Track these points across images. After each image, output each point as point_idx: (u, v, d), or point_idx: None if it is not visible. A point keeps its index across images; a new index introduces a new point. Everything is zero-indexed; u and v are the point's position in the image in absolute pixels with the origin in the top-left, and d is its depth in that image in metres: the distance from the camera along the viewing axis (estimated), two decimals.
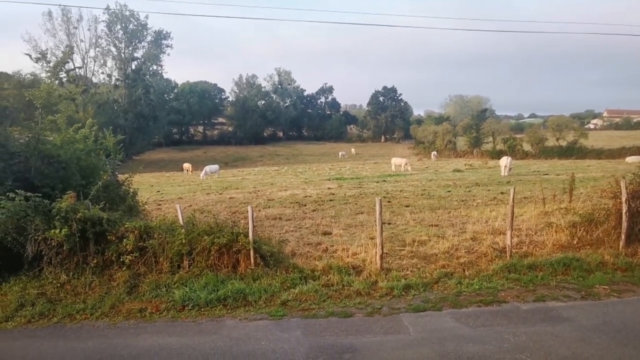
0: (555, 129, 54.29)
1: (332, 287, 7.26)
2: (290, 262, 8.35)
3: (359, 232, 10.62)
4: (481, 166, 36.50)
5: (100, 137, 11.45)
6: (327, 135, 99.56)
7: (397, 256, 8.83)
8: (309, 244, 10.01)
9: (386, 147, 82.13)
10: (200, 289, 7.15)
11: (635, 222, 8.63)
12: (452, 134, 65.13)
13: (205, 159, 62.53)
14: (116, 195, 10.20)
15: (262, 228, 11.57)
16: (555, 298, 6.77)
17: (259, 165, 57.54)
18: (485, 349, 5.26)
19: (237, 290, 7.09)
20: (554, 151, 50.36)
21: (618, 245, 8.55)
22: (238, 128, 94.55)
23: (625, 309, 6.31)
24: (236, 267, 7.94)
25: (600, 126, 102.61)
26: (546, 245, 9.15)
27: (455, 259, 8.45)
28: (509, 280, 7.43)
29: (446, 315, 6.27)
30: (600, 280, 7.35)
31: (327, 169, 40.89)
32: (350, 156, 67.03)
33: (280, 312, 6.56)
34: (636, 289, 7.08)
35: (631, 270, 7.75)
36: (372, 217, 8.24)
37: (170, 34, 73.01)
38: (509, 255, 8.31)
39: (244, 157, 72.26)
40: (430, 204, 15.38)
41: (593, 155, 46.74)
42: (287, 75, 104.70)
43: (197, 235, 7.96)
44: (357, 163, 50.35)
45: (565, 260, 8.00)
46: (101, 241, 7.83)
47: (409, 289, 7.14)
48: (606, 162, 37.08)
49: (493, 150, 54.94)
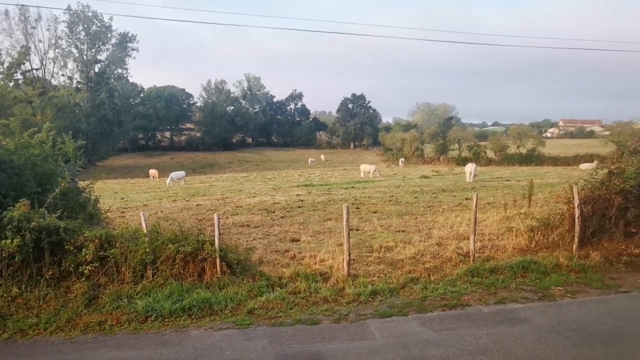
0: (516, 137, 56.72)
1: (300, 295, 7.24)
2: (258, 269, 8.27)
3: (327, 239, 10.65)
4: (447, 173, 37.50)
5: (59, 142, 10.95)
6: (297, 142, 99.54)
7: (365, 262, 8.91)
8: (277, 251, 9.94)
9: (355, 154, 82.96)
10: (164, 299, 6.94)
11: (587, 226, 9.10)
12: (419, 141, 66.58)
13: (172, 165, 61.05)
14: (76, 203, 9.77)
15: (229, 235, 11.40)
16: (515, 300, 7.02)
17: (227, 171, 56.71)
18: (449, 352, 5.38)
19: (203, 300, 6.94)
20: (515, 158, 52.57)
21: (572, 248, 8.97)
22: (206, 134, 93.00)
23: (579, 309, 6.63)
24: (202, 275, 7.78)
25: (556, 135, 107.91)
26: (507, 249, 9.48)
27: (421, 264, 8.61)
28: (472, 284, 7.65)
29: (412, 320, 6.37)
30: (556, 281, 7.70)
31: (297, 175, 40.84)
32: (319, 163, 67.24)
33: (246, 320, 6.47)
34: (589, 289, 7.45)
35: (584, 271, 8.16)
36: (340, 223, 8.30)
37: (137, 36, 71.28)
38: (472, 260, 8.56)
39: (212, 163, 71.04)
40: (398, 210, 15.64)
41: (550, 162, 49.12)
42: (257, 81, 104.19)
43: (162, 244, 7.74)
44: (326, 170, 50.57)
45: (524, 263, 8.32)
46: (58, 251, 7.46)
47: (375, 294, 7.21)
48: (562, 169, 39.05)
49: (459, 157, 56.57)
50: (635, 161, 9.96)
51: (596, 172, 10.35)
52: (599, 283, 7.68)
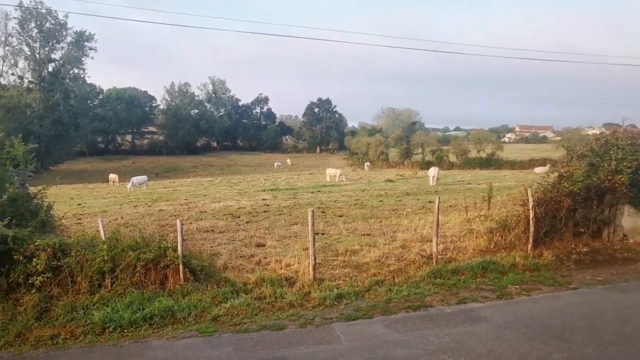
0: (477, 141, 59.03)
1: (265, 300, 7.17)
2: (222, 275, 8.13)
3: (293, 243, 10.62)
4: (411, 176, 38.34)
5: (7, 145, 10.32)
6: (263, 146, 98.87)
7: (330, 266, 8.95)
8: (242, 257, 9.81)
9: (321, 158, 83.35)
10: (123, 309, 6.68)
11: (540, 226, 9.58)
12: (384, 146, 67.81)
13: (134, 170, 58.99)
14: (26, 210, 9.22)
15: (193, 241, 11.14)
16: (475, 299, 7.27)
17: (191, 176, 55.41)
18: (412, 352, 5.49)
19: (165, 308, 6.74)
20: (475, 162, 54.65)
21: (527, 247, 9.40)
22: (170, 137, 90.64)
23: (533, 306, 6.95)
24: (164, 283, 7.56)
25: (513, 140, 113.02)
26: (468, 250, 9.79)
27: (386, 267, 8.74)
28: (435, 285, 7.84)
29: (377, 322, 6.46)
30: (513, 280, 8.03)
31: (262, 179, 40.51)
32: (285, 167, 67.07)
33: (210, 328, 6.33)
34: (542, 287, 7.83)
35: (538, 270, 8.58)
36: (306, 227, 8.31)
37: (94, 35, 68.47)
38: (435, 262, 8.79)
39: (175, 167, 69.27)
40: (363, 213, 15.83)
41: (508, 166, 51.39)
42: (222, 84, 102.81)
43: (121, 251, 7.46)
44: (292, 174, 50.50)
45: (484, 263, 8.63)
46: (6, 262, 7.02)
47: (341, 298, 7.26)
48: (519, 172, 40.88)
49: (422, 161, 58.07)
50: (582, 165, 10.58)
51: (548, 175, 10.91)
52: (551, 280, 8.09)
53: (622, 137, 10.39)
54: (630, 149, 9.99)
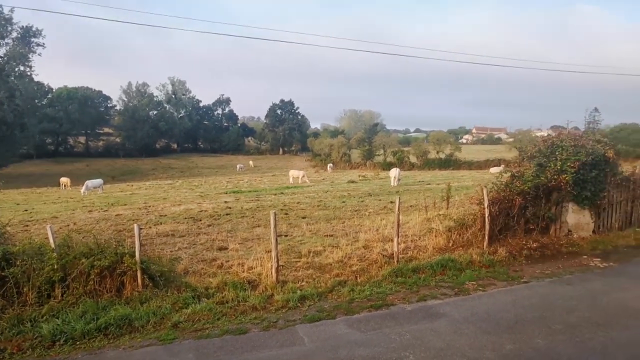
0: (436, 143, 61.06)
1: (227, 304, 7.06)
2: (183, 280, 7.93)
3: (255, 246, 10.51)
4: (373, 177, 39.01)
5: None
6: (225, 148, 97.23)
7: (293, 268, 8.94)
8: (204, 261, 9.61)
9: (284, 160, 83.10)
10: (76, 320, 6.36)
11: (495, 224, 10.01)
12: (347, 147, 68.65)
13: (88, 173, 56.33)
14: None
15: (152, 246, 10.79)
16: (435, 297, 7.49)
17: (150, 179, 53.66)
18: (375, 351, 5.58)
19: (122, 317, 6.47)
20: (435, 163, 56.49)
21: (483, 245, 9.81)
22: (127, 139, 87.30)
23: (489, 301, 7.26)
24: (121, 290, 7.27)
25: (470, 141, 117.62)
26: (428, 249, 10.07)
27: (349, 267, 8.83)
28: (396, 284, 8.00)
29: (340, 322, 6.51)
30: (470, 277, 8.35)
31: (225, 182, 39.86)
32: (248, 169, 66.36)
33: (170, 335, 6.15)
34: (497, 282, 8.19)
35: (493, 266, 8.97)
36: (269, 229, 8.25)
37: (42, 31, 64.55)
38: (397, 261, 8.97)
39: (133, 170, 66.82)
40: (326, 214, 15.93)
41: (466, 167, 53.49)
42: (182, 85, 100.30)
43: (74, 259, 7.10)
44: (255, 176, 50.02)
45: (443, 261, 8.91)
46: None
47: (304, 299, 7.26)
48: (476, 172, 42.63)
49: (384, 162, 59.25)
50: (531, 165, 11.19)
51: (501, 175, 11.43)
52: (505, 275, 8.48)
53: (566, 139, 11.05)
54: (573, 150, 10.64)
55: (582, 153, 10.54)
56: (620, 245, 10.61)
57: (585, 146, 10.74)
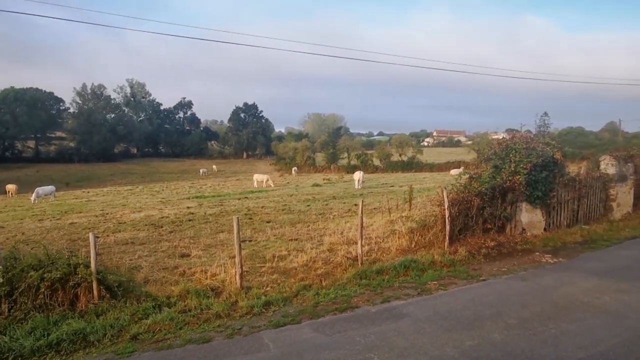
0: (398, 145, 62.42)
1: (190, 313, 6.87)
2: (143, 290, 7.63)
3: (219, 252, 10.34)
4: (338, 180, 39.37)
5: None
6: (187, 152, 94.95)
7: (258, 273, 8.84)
8: (165, 269, 9.33)
9: (248, 164, 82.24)
10: (24, 337, 5.98)
11: (455, 225, 10.35)
12: (311, 150, 68.81)
13: (39, 179, 53.23)
14: None
15: (110, 255, 10.37)
16: (398, 297, 7.62)
17: (108, 185, 51.42)
18: (340, 353, 5.61)
19: (75, 331, 6.14)
20: (398, 165, 57.72)
21: (444, 245, 10.10)
22: (82, 144, 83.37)
23: (450, 299, 7.47)
24: (75, 303, 6.92)
25: (431, 144, 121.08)
26: (391, 250, 10.25)
27: (313, 271, 8.84)
28: (360, 286, 8.07)
29: (305, 327, 6.49)
30: (432, 277, 8.56)
31: (187, 187, 38.93)
32: (211, 173, 65.11)
33: (129, 348, 5.90)
34: (457, 281, 8.45)
35: (453, 265, 9.25)
36: (233, 235, 8.13)
37: None
38: (361, 263, 9.07)
39: (89, 176, 63.81)
40: (291, 218, 15.89)
41: (427, 169, 55.02)
42: (141, 87, 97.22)
43: (21, 272, 6.70)
44: (218, 180, 49.17)
45: (405, 262, 9.09)
46: None
47: (269, 305, 7.19)
48: (437, 174, 43.93)
49: (348, 165, 59.91)
50: (488, 167, 11.67)
51: (460, 177, 11.85)
52: (464, 274, 8.76)
53: (519, 142, 11.61)
54: (526, 152, 11.19)
55: (533, 155, 11.09)
56: (568, 242, 11.24)
57: (536, 148, 11.32)
